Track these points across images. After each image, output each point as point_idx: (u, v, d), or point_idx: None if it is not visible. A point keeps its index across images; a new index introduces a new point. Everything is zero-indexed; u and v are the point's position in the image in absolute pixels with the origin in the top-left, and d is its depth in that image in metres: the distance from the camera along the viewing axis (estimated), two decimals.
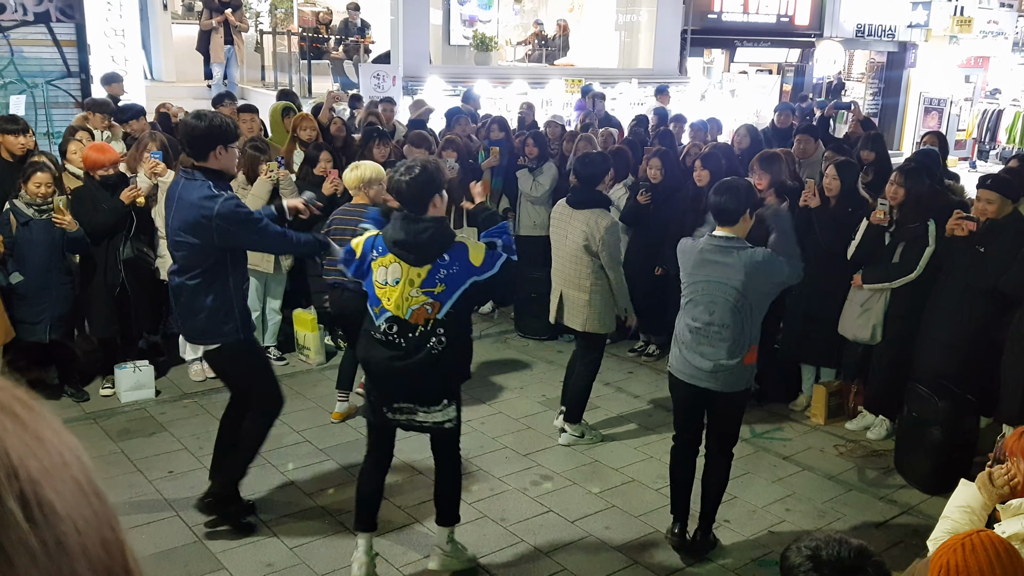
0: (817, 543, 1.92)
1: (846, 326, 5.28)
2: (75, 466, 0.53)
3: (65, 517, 0.49)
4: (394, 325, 3.33)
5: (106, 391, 5.60)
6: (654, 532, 4.20)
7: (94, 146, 5.56)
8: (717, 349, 3.71)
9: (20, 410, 0.52)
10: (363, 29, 12.85)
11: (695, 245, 3.79)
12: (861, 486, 4.73)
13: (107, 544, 0.52)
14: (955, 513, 2.69)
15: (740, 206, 3.67)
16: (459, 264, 3.30)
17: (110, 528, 0.53)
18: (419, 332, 3.32)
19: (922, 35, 17.47)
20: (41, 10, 8.66)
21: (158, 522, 4.13)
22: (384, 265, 3.34)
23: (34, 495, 0.48)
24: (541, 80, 12.68)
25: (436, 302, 3.30)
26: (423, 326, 3.31)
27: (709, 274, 3.70)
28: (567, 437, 5.07)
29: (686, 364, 3.81)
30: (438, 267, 3.29)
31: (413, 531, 4.13)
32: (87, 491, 0.52)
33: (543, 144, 7.19)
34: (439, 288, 3.29)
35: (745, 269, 3.62)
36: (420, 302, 3.30)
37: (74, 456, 0.53)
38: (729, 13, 15.48)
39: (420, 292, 3.29)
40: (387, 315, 3.33)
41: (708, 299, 3.69)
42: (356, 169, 4.88)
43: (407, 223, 3.32)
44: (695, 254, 3.76)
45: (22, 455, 0.49)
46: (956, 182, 6.48)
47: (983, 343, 4.77)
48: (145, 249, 5.59)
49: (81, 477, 0.52)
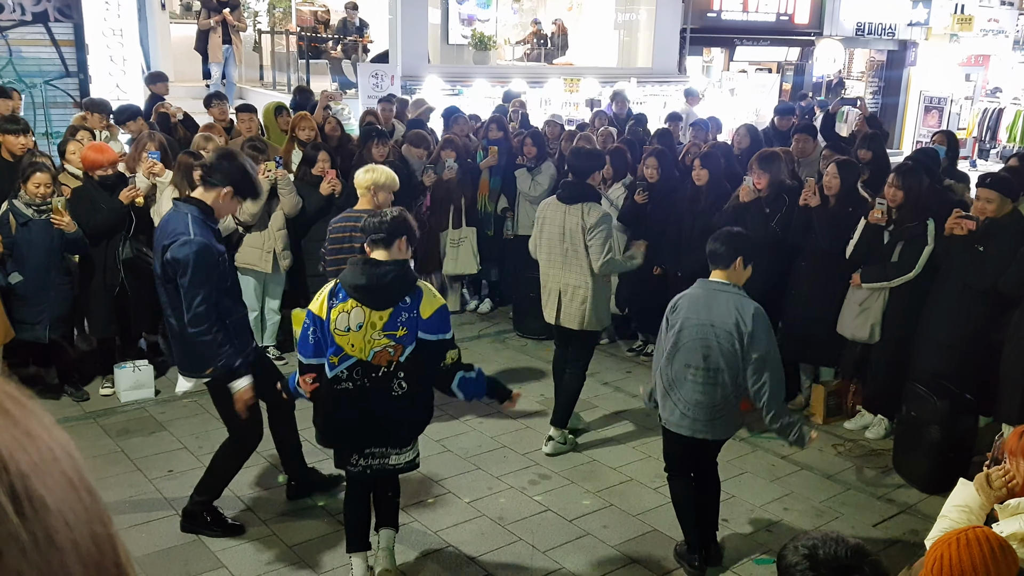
0: (814, 542, 1.92)
1: (845, 325, 5.28)
2: (65, 462, 0.53)
3: (55, 511, 0.50)
4: (357, 368, 3.30)
5: (106, 390, 5.60)
6: (652, 531, 4.20)
7: (93, 146, 5.56)
8: (711, 396, 3.62)
9: (10, 406, 0.52)
10: (361, 28, 12.84)
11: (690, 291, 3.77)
12: (859, 485, 4.73)
13: (97, 539, 0.53)
14: (953, 512, 2.70)
15: (731, 251, 3.64)
16: (416, 310, 3.28)
17: (101, 523, 0.53)
18: (382, 373, 3.30)
19: (922, 33, 17.46)
20: (39, 10, 8.66)
21: (158, 520, 4.13)
22: (345, 311, 3.28)
23: (24, 489, 0.49)
24: (540, 79, 12.67)
25: (399, 345, 3.28)
26: (385, 367, 3.29)
27: (701, 317, 3.62)
28: (553, 445, 4.96)
29: (679, 415, 3.71)
30: (400, 311, 3.26)
31: (409, 529, 4.13)
32: (77, 486, 0.53)
33: (541, 144, 7.19)
34: (401, 332, 3.26)
35: (737, 312, 3.57)
36: (383, 345, 3.27)
37: (64, 452, 0.53)
38: (728, 12, 15.47)
39: (382, 335, 3.26)
40: (351, 361, 3.29)
41: (703, 343, 3.60)
42: (371, 172, 4.65)
43: (368, 267, 3.27)
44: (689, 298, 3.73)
45: (12, 450, 0.50)
46: (965, 183, 6.43)
47: (982, 342, 4.77)
48: (144, 249, 5.59)
49: (71, 472, 0.53)
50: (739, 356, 3.57)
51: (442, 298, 3.40)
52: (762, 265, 5.48)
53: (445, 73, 12.22)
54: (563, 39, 14.81)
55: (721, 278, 3.67)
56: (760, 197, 5.41)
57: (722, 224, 5.60)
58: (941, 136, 7.13)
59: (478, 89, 11.96)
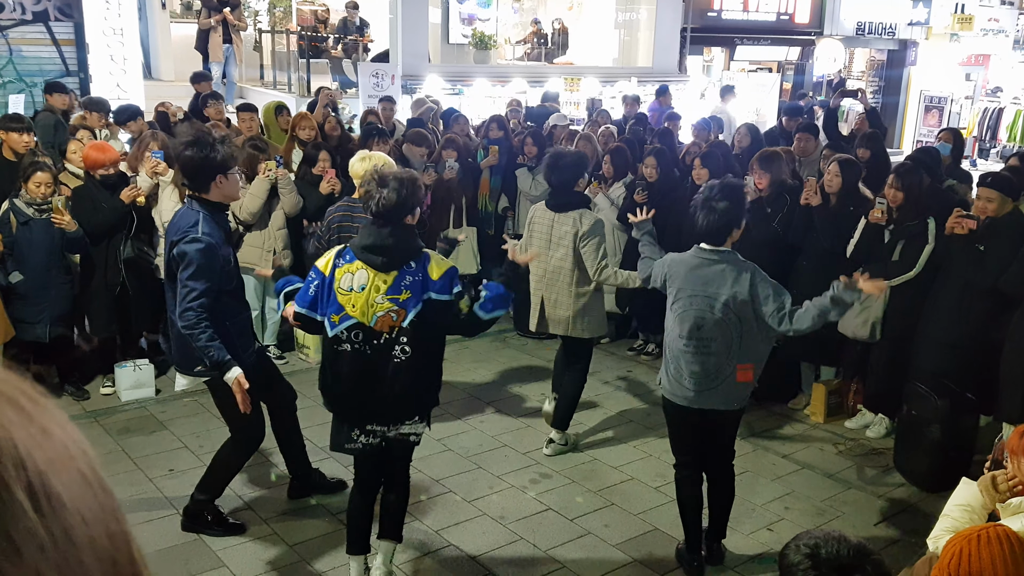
0: (816, 541, 1.91)
1: (845, 324, 5.27)
2: (81, 459, 0.53)
3: (72, 508, 0.50)
4: (359, 332, 3.28)
5: (106, 390, 5.60)
6: (653, 530, 4.20)
7: (94, 145, 5.56)
8: (705, 365, 3.61)
9: (26, 403, 0.52)
10: (362, 28, 12.84)
11: (684, 257, 3.72)
12: (860, 484, 4.73)
13: (113, 536, 0.53)
14: (955, 512, 2.69)
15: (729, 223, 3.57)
16: (422, 273, 3.28)
17: (115, 520, 0.54)
18: (384, 339, 3.27)
19: (923, 33, 17.46)
20: (40, 9, 8.66)
21: (159, 520, 4.14)
22: (350, 272, 3.30)
23: (42, 486, 0.49)
24: (540, 79, 12.67)
25: (401, 309, 3.26)
26: (387, 333, 3.27)
27: (695, 287, 3.61)
28: (554, 447, 4.96)
29: (677, 385, 3.71)
30: (404, 274, 3.26)
31: (410, 528, 4.13)
32: (92, 483, 0.53)
33: (542, 143, 7.19)
34: (404, 295, 3.25)
35: (735, 281, 3.54)
36: (385, 308, 3.25)
37: (79, 449, 0.54)
38: (729, 11, 15.47)
39: (385, 299, 3.25)
40: (350, 322, 3.28)
41: (695, 313, 3.60)
42: (367, 160, 4.55)
43: (375, 228, 3.30)
44: (683, 266, 3.68)
45: (29, 447, 0.50)
46: (968, 183, 6.41)
47: (982, 341, 4.76)
48: (145, 248, 5.60)
49: (87, 470, 0.53)
50: (733, 325, 3.55)
51: (450, 262, 3.39)
52: (763, 264, 5.52)
53: (445, 72, 12.22)
54: (563, 38, 14.81)
55: (714, 245, 3.64)
56: (761, 197, 5.41)
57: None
58: (947, 134, 7.09)
59: (479, 89, 11.96)
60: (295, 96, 11.53)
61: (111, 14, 9.17)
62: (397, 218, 3.27)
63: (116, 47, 9.25)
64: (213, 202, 3.72)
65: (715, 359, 3.60)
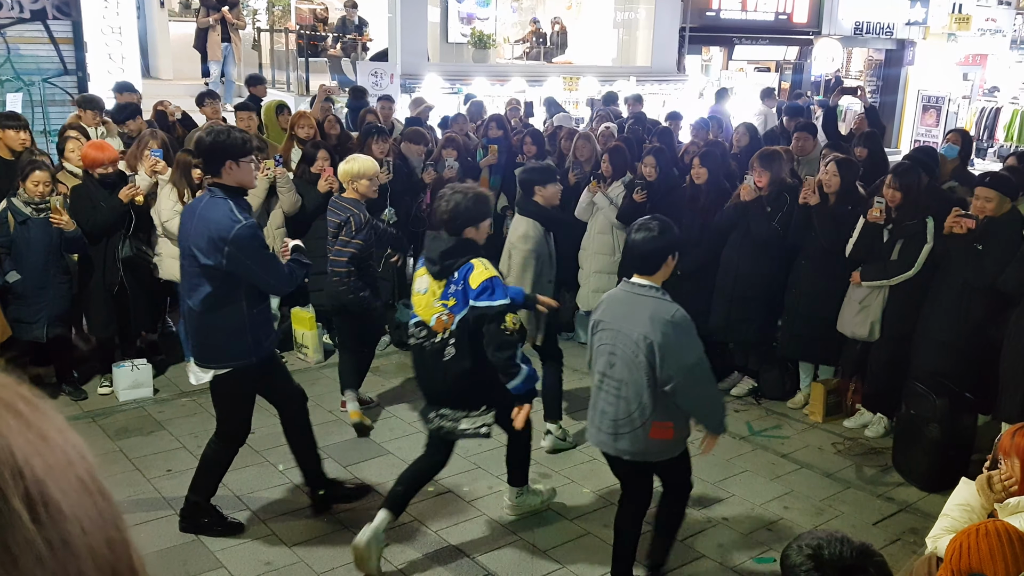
0: (819, 542, 1.90)
1: (844, 323, 5.28)
2: (80, 465, 0.52)
3: (71, 517, 0.49)
4: (423, 329, 3.68)
5: (104, 390, 5.59)
6: (651, 530, 4.19)
7: (93, 144, 5.55)
8: (616, 408, 3.33)
9: (24, 408, 0.51)
10: (361, 26, 12.83)
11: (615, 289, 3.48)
12: (859, 484, 4.73)
13: (112, 543, 0.52)
14: (955, 511, 2.70)
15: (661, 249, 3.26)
16: (463, 283, 3.56)
17: (115, 527, 0.53)
18: (439, 339, 3.62)
19: (920, 33, 17.47)
20: (38, 7, 8.63)
21: (157, 520, 4.13)
22: (421, 275, 3.73)
23: (40, 495, 0.48)
24: (539, 78, 12.66)
25: (451, 314, 3.59)
26: (442, 334, 3.62)
27: (614, 319, 3.32)
28: (552, 440, 4.96)
29: (591, 423, 3.48)
30: (450, 283, 3.59)
31: (410, 529, 4.13)
32: (92, 490, 0.52)
33: (541, 142, 7.18)
34: (451, 302, 3.59)
35: (651, 320, 3.20)
36: (439, 312, 3.62)
37: (78, 455, 0.53)
38: (727, 11, 15.47)
39: (439, 303, 3.62)
40: (416, 319, 3.70)
41: (608, 348, 3.33)
42: (349, 162, 4.91)
43: (434, 240, 3.68)
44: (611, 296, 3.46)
45: (27, 454, 0.49)
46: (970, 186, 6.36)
47: (981, 340, 4.77)
48: (144, 248, 5.58)
49: (86, 476, 0.52)
50: (644, 370, 3.21)
51: (494, 270, 3.60)
52: (764, 263, 5.54)
53: (444, 71, 12.21)
54: (562, 38, 14.80)
55: (642, 279, 3.33)
56: (761, 196, 5.41)
57: (723, 223, 5.61)
58: (955, 135, 7.00)
59: (477, 88, 11.95)
60: (294, 95, 11.52)
61: (109, 12, 9.16)
62: (455, 230, 3.61)
63: (114, 46, 9.23)
64: (231, 187, 3.71)
65: (625, 404, 3.30)
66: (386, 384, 5.93)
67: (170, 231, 5.52)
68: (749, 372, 5.92)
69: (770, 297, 5.54)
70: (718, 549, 4.05)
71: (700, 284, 5.71)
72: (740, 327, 5.64)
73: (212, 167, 3.72)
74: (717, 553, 4.02)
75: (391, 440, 5.08)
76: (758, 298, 5.52)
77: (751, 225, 5.44)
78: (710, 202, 5.73)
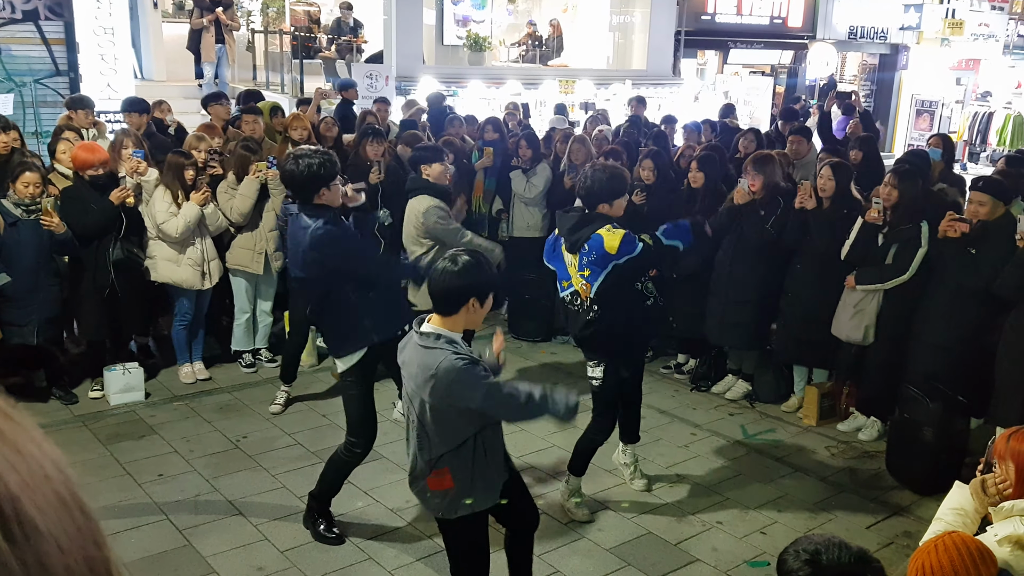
0: (817, 547, 1.88)
1: (839, 327, 5.28)
2: (57, 479, 0.50)
3: (47, 535, 0.47)
4: (576, 297, 4.01)
5: (95, 393, 5.55)
6: (647, 534, 4.18)
7: (83, 146, 5.51)
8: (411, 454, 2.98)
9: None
10: (356, 28, 12.81)
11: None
12: (853, 487, 4.73)
13: (92, 562, 0.50)
14: (949, 515, 2.69)
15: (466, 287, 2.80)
16: (596, 252, 3.84)
17: (95, 545, 0.51)
18: (587, 303, 3.97)
19: (914, 37, 17.55)
20: (29, 8, 8.60)
21: (148, 525, 4.09)
22: (564, 250, 4.04)
23: (14, 512, 0.46)
24: (535, 81, 12.66)
25: (588, 284, 3.93)
26: (585, 300, 3.97)
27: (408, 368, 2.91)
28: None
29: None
30: (582, 255, 3.89)
31: (403, 534, 4.11)
32: (70, 506, 0.50)
33: (536, 145, 7.18)
34: (586, 272, 3.91)
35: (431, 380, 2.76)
36: (580, 282, 3.96)
37: (56, 468, 0.50)
38: (723, 14, 15.51)
39: (578, 274, 3.95)
40: (571, 289, 4.01)
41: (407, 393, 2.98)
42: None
43: (563, 217, 4.01)
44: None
45: (1, 469, 0.47)
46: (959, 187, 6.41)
47: (975, 345, 4.78)
48: (135, 250, 5.54)
49: (64, 491, 0.50)
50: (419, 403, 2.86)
51: (620, 230, 3.84)
52: (758, 267, 5.53)
53: (440, 74, 12.20)
54: (558, 41, 14.81)
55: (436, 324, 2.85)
56: (755, 199, 5.41)
57: (716, 227, 5.61)
58: (937, 139, 7.10)
59: (473, 90, 11.94)
60: (288, 97, 11.49)
61: (102, 13, 9.10)
62: (590, 204, 3.92)
63: (107, 47, 9.18)
64: (323, 209, 3.85)
65: (412, 447, 2.94)
66: (378, 388, 5.89)
67: (166, 234, 5.49)
68: (743, 376, 5.92)
69: (764, 300, 5.54)
70: (712, 553, 4.04)
71: (695, 287, 5.71)
72: (734, 330, 5.64)
73: (306, 195, 3.85)
74: (711, 557, 4.01)
75: (384, 445, 5.04)
76: (752, 301, 5.52)
77: (744, 228, 5.44)
78: (707, 206, 5.72)
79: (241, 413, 5.43)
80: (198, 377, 5.88)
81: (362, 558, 3.91)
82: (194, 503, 4.33)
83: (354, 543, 4.01)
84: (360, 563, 3.87)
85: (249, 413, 5.45)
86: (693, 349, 6.27)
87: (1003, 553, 2.35)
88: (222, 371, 6.08)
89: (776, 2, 16.03)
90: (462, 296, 2.81)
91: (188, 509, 4.26)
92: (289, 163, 3.85)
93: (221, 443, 5.02)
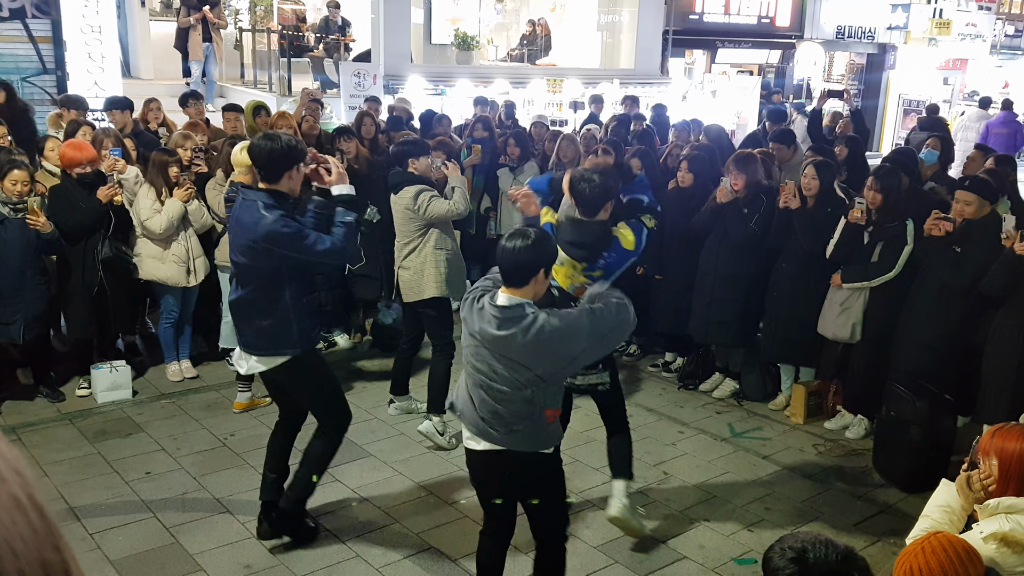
0: (803, 545, 1.86)
1: (826, 325, 5.31)
2: (13, 481, 0.48)
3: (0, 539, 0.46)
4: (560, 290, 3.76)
5: (82, 391, 5.52)
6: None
7: (71, 144, 5.48)
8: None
9: None
10: (343, 27, 12.77)
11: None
12: (840, 485, 4.76)
13: (48, 566, 0.48)
14: (935, 512, 2.71)
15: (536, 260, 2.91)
16: (616, 253, 3.73)
17: (52, 548, 0.49)
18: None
19: (901, 37, 17.64)
20: (16, 6, 8.54)
21: (135, 523, 4.08)
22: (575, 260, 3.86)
23: None
24: (523, 80, 12.66)
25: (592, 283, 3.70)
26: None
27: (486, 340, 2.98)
28: (427, 426, 4.93)
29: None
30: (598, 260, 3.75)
31: (391, 532, 4.11)
32: (27, 509, 0.48)
33: (525, 144, 7.18)
34: (598, 272, 3.71)
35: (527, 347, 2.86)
36: (581, 282, 3.71)
37: (12, 470, 0.49)
38: (710, 14, 15.56)
39: (582, 275, 3.73)
40: (554, 283, 3.67)
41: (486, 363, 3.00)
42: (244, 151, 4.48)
43: (576, 225, 3.71)
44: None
45: None
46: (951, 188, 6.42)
47: (960, 343, 4.81)
48: (123, 248, 5.52)
49: (20, 493, 0.48)
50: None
51: (627, 226, 3.75)
52: (742, 265, 5.56)
53: (428, 73, 12.18)
54: (546, 40, 14.81)
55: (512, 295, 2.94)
56: (738, 198, 5.43)
57: (699, 226, 5.63)
58: (935, 140, 7.03)
59: (461, 89, 11.93)
60: (275, 95, 11.45)
61: (89, 11, 9.04)
62: (592, 213, 3.67)
63: (94, 45, 9.12)
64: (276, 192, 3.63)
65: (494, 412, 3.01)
66: (368, 387, 5.89)
67: (150, 231, 5.47)
68: (731, 374, 5.95)
69: (749, 299, 5.56)
70: (699, 550, 4.06)
71: (680, 285, 5.73)
72: (720, 329, 5.66)
73: (274, 174, 3.62)
74: (698, 554, 4.02)
75: (372, 443, 5.05)
76: (737, 300, 5.54)
77: (728, 227, 5.46)
78: (695, 205, 5.74)
79: (228, 411, 5.41)
80: (185, 375, 5.86)
81: (349, 555, 3.90)
82: (181, 501, 4.31)
83: (341, 541, 4.01)
84: (347, 560, 3.87)
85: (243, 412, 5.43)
86: (680, 347, 6.29)
87: (989, 550, 2.36)
88: (209, 369, 6.07)
89: (764, 2, 16.09)
90: (534, 268, 2.95)
91: (175, 507, 4.25)
92: (264, 139, 3.64)
93: (208, 441, 5.00)
